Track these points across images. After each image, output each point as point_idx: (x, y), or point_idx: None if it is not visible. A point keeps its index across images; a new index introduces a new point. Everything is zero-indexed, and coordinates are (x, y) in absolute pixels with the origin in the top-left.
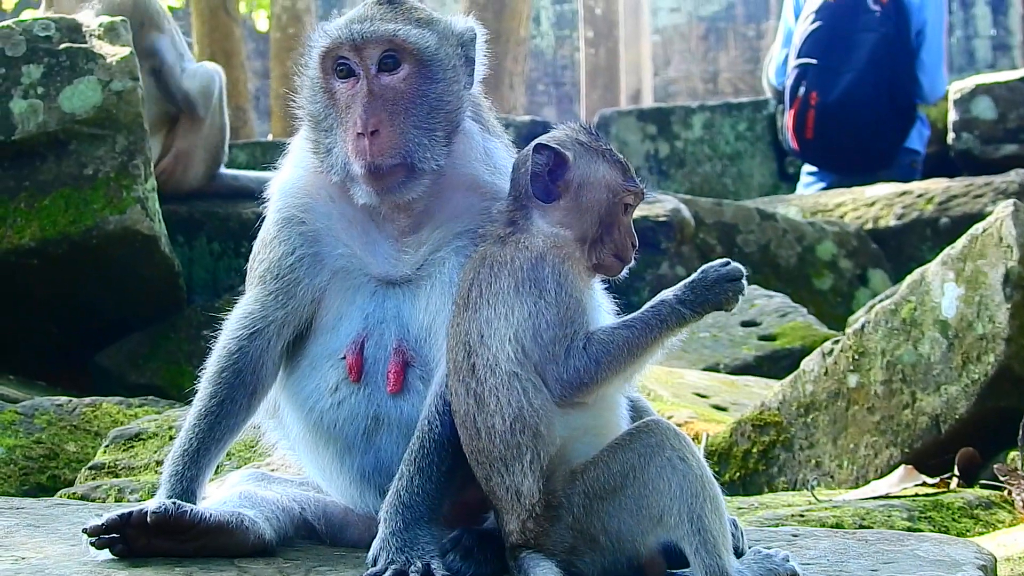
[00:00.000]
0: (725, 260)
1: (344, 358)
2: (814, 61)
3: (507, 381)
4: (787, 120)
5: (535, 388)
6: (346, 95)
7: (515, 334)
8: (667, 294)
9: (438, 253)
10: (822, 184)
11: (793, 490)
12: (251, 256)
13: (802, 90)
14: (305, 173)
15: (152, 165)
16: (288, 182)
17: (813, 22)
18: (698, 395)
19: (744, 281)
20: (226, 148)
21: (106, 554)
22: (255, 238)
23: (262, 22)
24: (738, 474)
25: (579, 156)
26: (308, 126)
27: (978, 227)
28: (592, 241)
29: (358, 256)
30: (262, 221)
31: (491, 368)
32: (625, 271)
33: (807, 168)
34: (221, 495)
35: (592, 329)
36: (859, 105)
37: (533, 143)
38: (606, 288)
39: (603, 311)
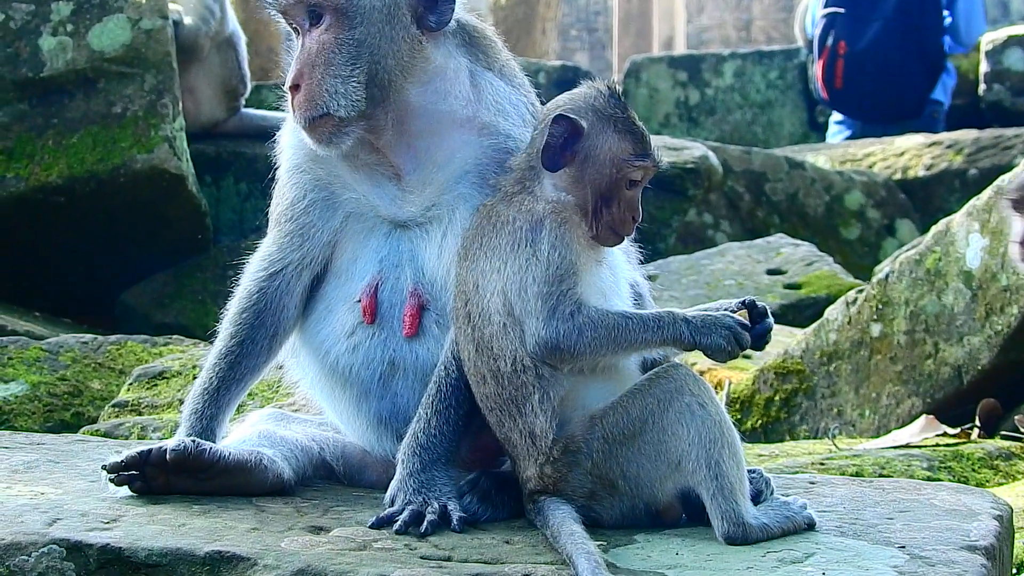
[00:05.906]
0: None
1: (359, 301)
2: (842, 10)
3: (502, 329)
4: (816, 69)
5: (523, 336)
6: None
7: (503, 287)
8: (678, 310)
9: (446, 195)
10: (848, 132)
11: (814, 438)
12: (272, 201)
13: (831, 39)
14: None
15: (180, 104)
16: (293, 136)
17: None
18: None
19: (744, 338)
20: (245, 82)
21: (125, 491)
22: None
23: None
24: (760, 422)
25: (592, 127)
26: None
27: (1004, 178)
28: (593, 212)
29: (367, 199)
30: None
31: (487, 317)
32: (625, 244)
33: (835, 117)
34: (241, 434)
35: (586, 301)
36: (888, 53)
37: (553, 112)
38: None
39: (609, 276)
